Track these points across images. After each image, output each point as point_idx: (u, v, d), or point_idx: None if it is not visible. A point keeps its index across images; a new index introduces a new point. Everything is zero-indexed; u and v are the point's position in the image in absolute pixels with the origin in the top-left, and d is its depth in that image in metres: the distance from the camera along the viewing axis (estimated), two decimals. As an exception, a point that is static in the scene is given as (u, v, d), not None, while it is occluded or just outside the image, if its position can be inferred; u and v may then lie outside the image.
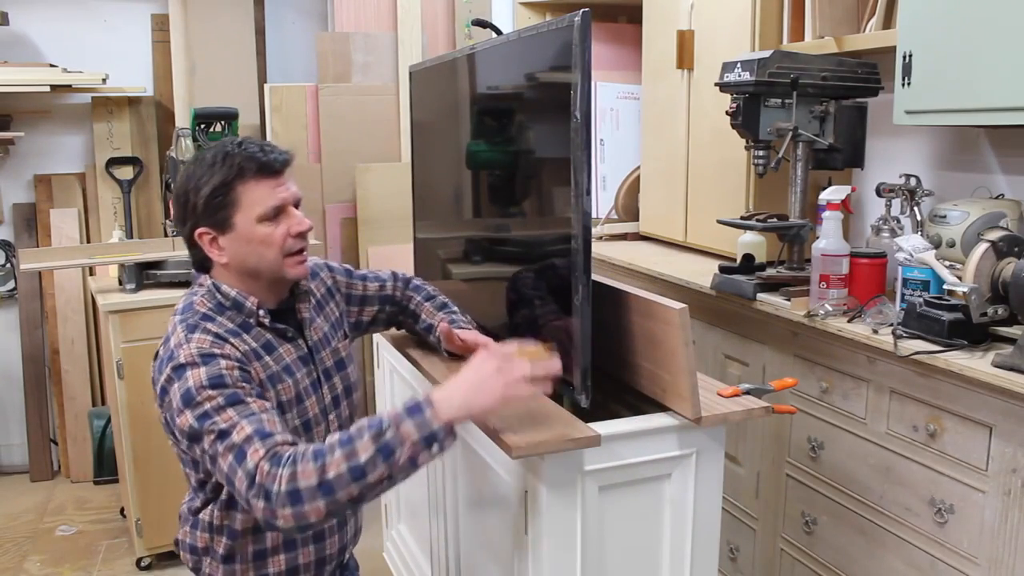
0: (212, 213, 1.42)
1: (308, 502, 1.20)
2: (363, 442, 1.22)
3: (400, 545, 2.47)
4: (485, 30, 2.38)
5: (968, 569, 1.59)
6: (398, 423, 1.23)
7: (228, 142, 1.46)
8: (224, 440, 1.27)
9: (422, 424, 1.23)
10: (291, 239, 1.45)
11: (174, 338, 1.39)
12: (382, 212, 3.52)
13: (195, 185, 1.43)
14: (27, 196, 3.60)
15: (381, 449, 1.21)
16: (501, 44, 1.73)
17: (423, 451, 1.23)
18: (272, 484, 1.21)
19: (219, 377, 1.32)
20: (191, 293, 1.50)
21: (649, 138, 2.95)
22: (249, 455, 1.24)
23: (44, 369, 3.63)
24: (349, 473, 1.20)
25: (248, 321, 1.46)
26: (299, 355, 1.52)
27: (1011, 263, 1.60)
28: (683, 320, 1.41)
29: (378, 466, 1.21)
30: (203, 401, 1.30)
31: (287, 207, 1.45)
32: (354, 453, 1.21)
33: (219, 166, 1.41)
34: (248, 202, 1.42)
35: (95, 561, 2.91)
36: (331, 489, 1.20)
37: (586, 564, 1.44)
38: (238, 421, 1.28)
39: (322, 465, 1.21)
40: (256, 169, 1.41)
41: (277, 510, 1.20)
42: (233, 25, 3.60)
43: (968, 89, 1.68)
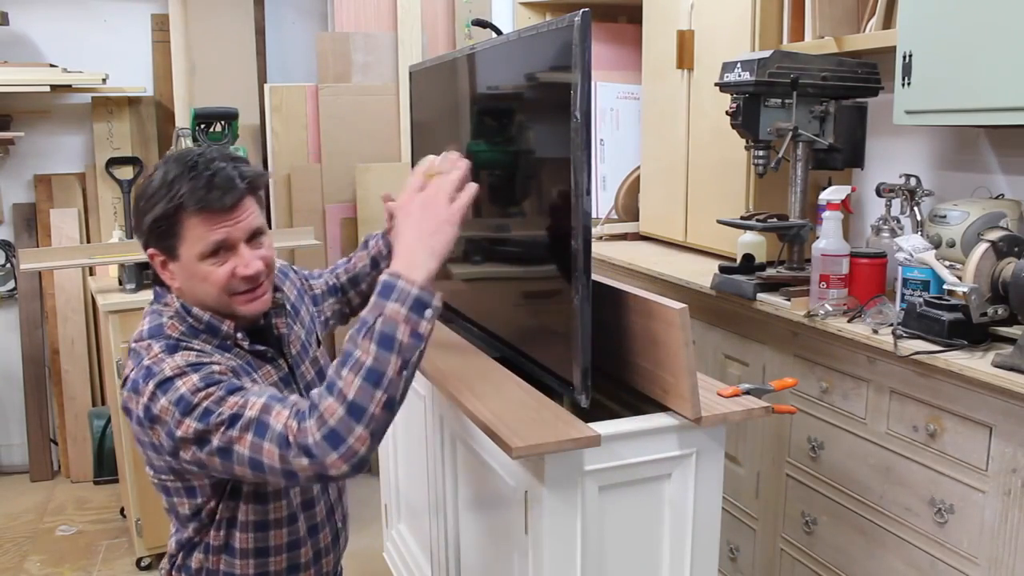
0: (158, 239, 1.33)
1: (348, 435, 1.14)
2: (360, 347, 1.16)
3: (400, 545, 2.47)
4: (485, 30, 2.38)
5: (968, 569, 1.59)
6: (380, 309, 1.17)
7: (187, 158, 1.33)
8: (236, 423, 1.19)
9: (403, 296, 1.17)
10: (236, 280, 1.33)
11: (149, 357, 1.28)
12: (382, 212, 3.50)
13: (144, 206, 1.32)
14: (27, 196, 3.60)
15: (380, 341, 1.15)
16: (501, 44, 1.73)
17: (420, 320, 1.18)
18: (306, 438, 1.14)
19: (212, 376, 1.24)
20: (156, 313, 1.38)
21: (649, 138, 2.95)
22: (273, 421, 1.18)
23: (44, 369, 3.63)
24: (367, 382, 1.14)
25: (226, 343, 1.37)
26: (279, 376, 1.44)
27: (1011, 263, 1.60)
28: (683, 320, 1.41)
29: (388, 358, 1.15)
30: (202, 401, 1.21)
31: (235, 245, 1.32)
32: (359, 362, 1.15)
33: (163, 193, 1.29)
34: (190, 237, 1.30)
35: (95, 561, 2.91)
36: (361, 409, 1.14)
37: (586, 564, 1.44)
38: (247, 399, 1.21)
39: (339, 392, 1.15)
40: (196, 204, 1.28)
41: (324, 460, 1.14)
42: (233, 25, 3.60)
43: (968, 89, 1.68)
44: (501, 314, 1.87)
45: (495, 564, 1.66)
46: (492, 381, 1.67)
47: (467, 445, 1.70)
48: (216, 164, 1.31)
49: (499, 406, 1.50)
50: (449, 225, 1.25)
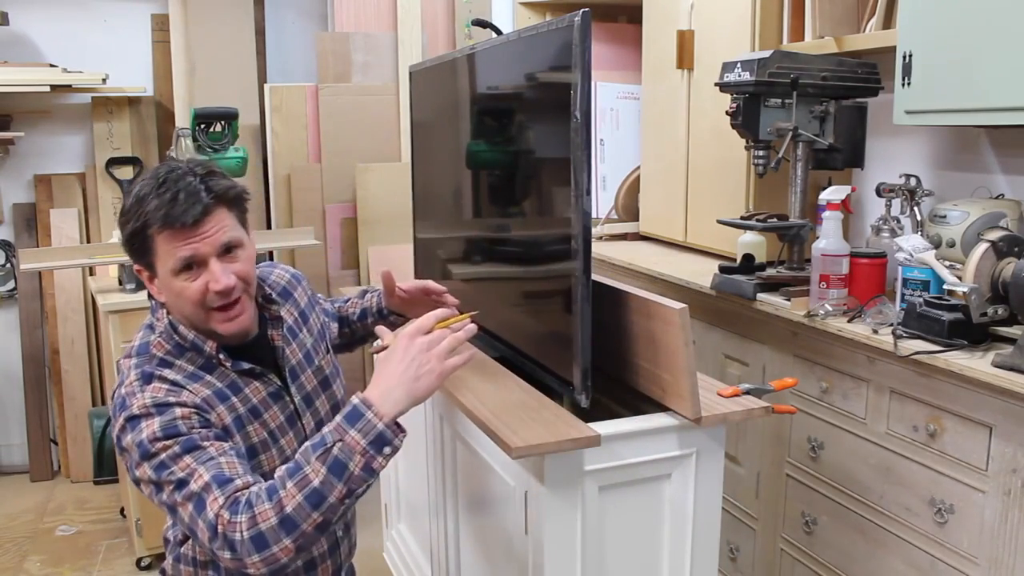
0: (136, 256, 1.34)
1: (275, 544, 1.15)
2: (312, 465, 1.16)
3: (400, 545, 2.47)
4: (485, 30, 2.38)
5: (968, 569, 1.59)
6: (342, 434, 1.18)
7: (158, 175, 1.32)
8: (182, 489, 1.21)
9: (367, 428, 1.18)
10: (211, 295, 1.32)
11: (126, 386, 1.30)
12: (382, 212, 3.52)
13: (121, 222, 1.34)
14: (27, 196, 3.60)
15: (332, 467, 1.16)
16: (501, 44, 1.73)
17: (375, 457, 1.18)
18: (234, 533, 1.15)
19: (173, 426, 1.25)
20: (148, 328, 1.40)
21: (649, 138, 2.95)
22: (208, 504, 1.18)
23: (44, 369, 3.63)
24: (307, 501, 1.15)
25: (211, 362, 1.37)
26: (269, 392, 1.42)
27: (1011, 263, 1.60)
28: (683, 320, 1.41)
29: (334, 484, 1.16)
30: (159, 452, 1.23)
31: (206, 260, 1.31)
32: (306, 480, 1.16)
33: (134, 211, 1.30)
34: (161, 253, 1.30)
35: (95, 561, 2.91)
36: (293, 523, 1.15)
37: (586, 564, 1.44)
38: (195, 468, 1.21)
39: (278, 501, 1.15)
40: (160, 222, 1.28)
41: (245, 559, 1.15)
42: (233, 25, 3.60)
43: (968, 89, 1.68)
44: (501, 314, 1.87)
45: (495, 564, 1.66)
46: (492, 381, 1.67)
47: (467, 445, 1.70)
48: (184, 180, 1.30)
49: (499, 406, 1.50)
50: (436, 378, 1.26)
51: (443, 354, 1.27)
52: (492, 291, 1.95)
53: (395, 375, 1.24)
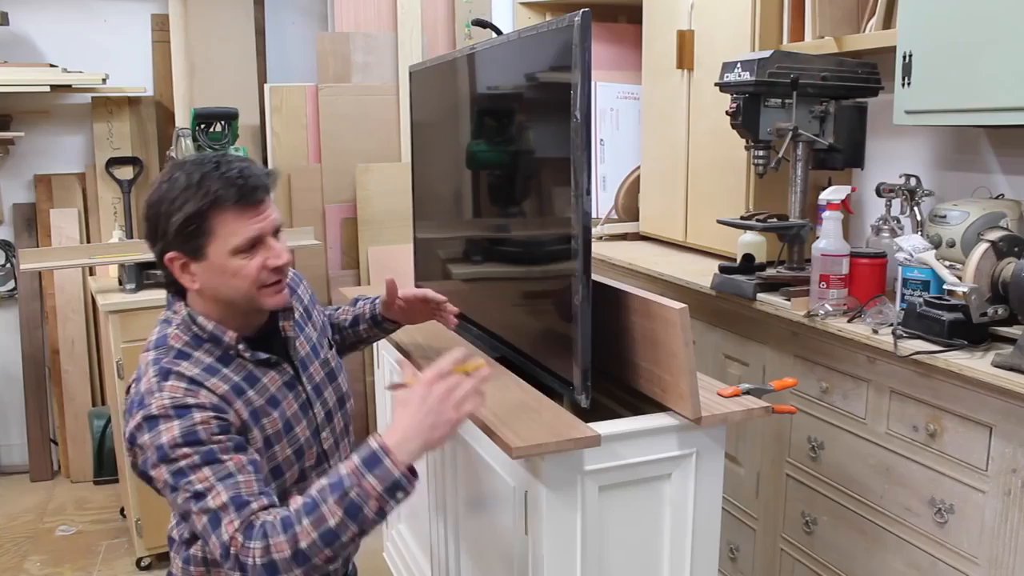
0: (184, 241, 1.33)
1: (284, 573, 1.19)
2: (328, 506, 1.21)
3: (400, 545, 2.47)
4: (485, 30, 2.38)
5: (968, 569, 1.59)
6: (359, 479, 1.21)
7: (206, 161, 1.34)
8: (199, 502, 1.23)
9: (383, 476, 1.22)
10: (266, 272, 1.36)
11: (145, 382, 1.31)
12: (382, 212, 3.52)
13: (167, 209, 1.32)
14: (27, 196, 3.60)
15: (347, 510, 1.20)
16: (501, 44, 1.73)
17: (388, 502, 1.23)
18: (247, 558, 1.19)
19: (193, 433, 1.26)
20: (164, 322, 1.40)
21: (649, 138, 2.95)
22: (224, 525, 1.22)
23: (44, 369, 3.63)
24: (321, 539, 1.20)
25: (228, 354, 1.39)
26: (284, 381, 1.45)
27: (1011, 263, 1.60)
28: (683, 320, 1.41)
29: (348, 526, 1.21)
30: (178, 458, 1.24)
31: (265, 238, 1.35)
32: (322, 519, 1.20)
33: (194, 191, 1.30)
34: (223, 233, 1.32)
35: (95, 561, 2.91)
36: (306, 557, 1.20)
37: (586, 564, 1.44)
38: (214, 484, 1.24)
39: (293, 536, 1.19)
40: (234, 199, 1.31)
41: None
42: (233, 25, 3.60)
43: (968, 89, 1.68)
44: (501, 314, 1.87)
45: (495, 564, 1.66)
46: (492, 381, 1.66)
47: (467, 445, 1.70)
48: (239, 163, 1.34)
49: (499, 406, 1.50)
50: (450, 427, 1.28)
51: (460, 403, 1.29)
52: (492, 291, 1.95)
53: (413, 424, 1.26)
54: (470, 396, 1.30)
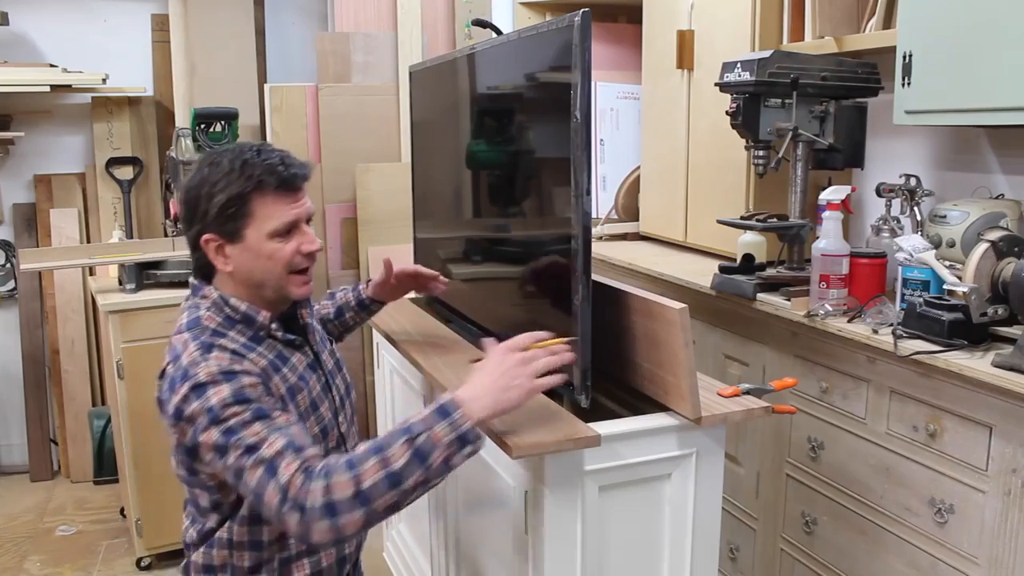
0: (223, 222, 1.38)
1: (345, 514, 1.19)
2: (396, 448, 1.21)
3: (400, 545, 2.47)
4: (485, 30, 2.38)
5: (968, 569, 1.59)
6: (430, 426, 1.22)
7: (247, 148, 1.41)
8: (252, 454, 1.24)
9: (454, 425, 1.23)
10: (299, 257, 1.42)
11: (186, 356, 1.33)
12: (382, 212, 3.52)
13: (208, 191, 1.37)
14: (27, 196, 3.60)
15: (415, 454, 1.20)
16: (501, 44, 1.73)
17: (456, 453, 1.23)
18: (306, 498, 1.19)
19: (243, 393, 1.28)
20: (194, 306, 1.43)
21: (649, 138, 2.95)
22: (281, 469, 1.22)
23: (44, 369, 3.63)
24: (385, 481, 1.19)
25: (259, 335, 1.43)
26: (308, 363, 1.50)
27: (1011, 263, 1.60)
28: (683, 320, 1.41)
29: (414, 471, 1.20)
30: (228, 417, 1.26)
31: (300, 224, 1.42)
32: (388, 460, 1.20)
33: (236, 175, 1.36)
34: (262, 216, 1.38)
35: (95, 561, 2.91)
36: (368, 499, 1.19)
37: (586, 564, 1.44)
38: (267, 435, 1.25)
39: (357, 475, 1.19)
40: (276, 184, 1.37)
41: (312, 524, 1.19)
42: (233, 25, 3.60)
43: (968, 89, 1.68)
44: (501, 314, 1.87)
45: (495, 564, 1.66)
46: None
47: (467, 445, 1.70)
48: (279, 152, 1.41)
49: (499, 406, 1.50)
50: (524, 394, 1.30)
51: (535, 372, 1.31)
52: (492, 291, 1.95)
53: (486, 384, 1.29)
54: (547, 370, 1.32)
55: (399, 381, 2.26)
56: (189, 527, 1.49)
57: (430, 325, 2.09)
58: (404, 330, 2.06)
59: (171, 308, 2.69)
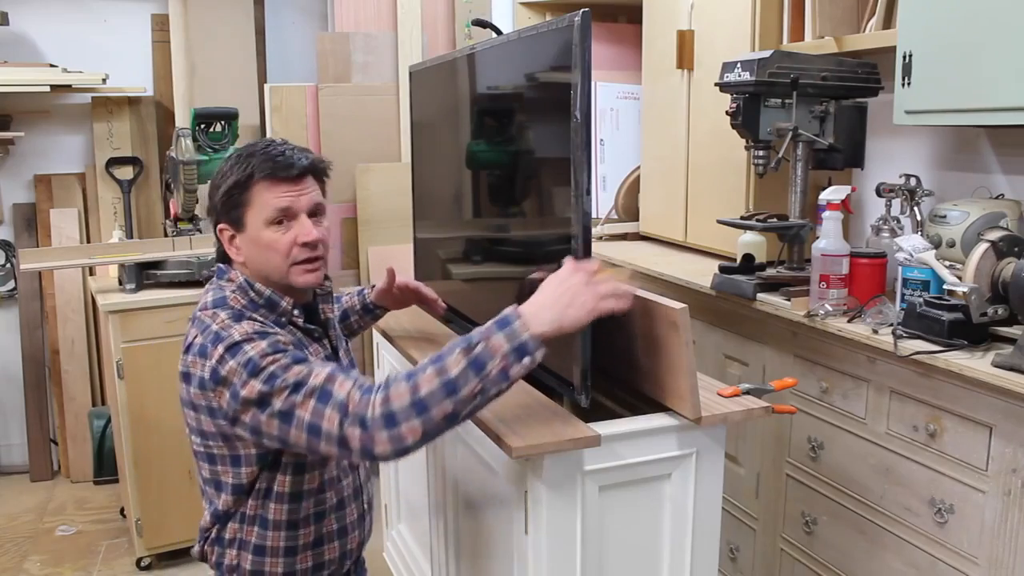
0: (228, 211, 1.45)
1: (404, 422, 1.20)
2: (454, 357, 1.22)
3: (400, 545, 2.47)
4: (485, 30, 2.38)
5: (968, 569, 1.59)
6: (488, 336, 1.23)
7: (259, 142, 1.47)
8: (300, 390, 1.26)
9: (512, 335, 1.23)
10: (297, 248, 1.44)
11: (217, 324, 1.38)
12: (382, 212, 3.52)
13: (218, 181, 1.46)
14: (27, 196, 3.60)
15: (472, 363, 1.21)
16: (501, 44, 1.73)
17: (514, 363, 1.22)
18: (366, 410, 1.22)
19: (278, 344, 1.33)
20: (219, 288, 1.47)
21: (649, 138, 2.95)
22: (336, 389, 1.25)
23: (44, 369, 3.63)
24: (442, 388, 1.20)
25: (280, 320, 1.47)
26: (324, 355, 1.54)
27: (1011, 263, 1.60)
28: (683, 320, 1.41)
29: (470, 379, 1.21)
30: (268, 364, 1.29)
31: (298, 214, 1.44)
32: (445, 369, 1.21)
33: (238, 165, 1.43)
34: (259, 204, 1.42)
35: (95, 561, 2.91)
36: (425, 406, 1.20)
37: (586, 564, 1.44)
38: (312, 369, 1.29)
39: (414, 384, 1.21)
40: (269, 171, 1.41)
41: (375, 434, 1.21)
42: (233, 25, 3.60)
43: (968, 89, 1.68)
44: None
45: (495, 564, 1.66)
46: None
47: (467, 445, 1.70)
48: (285, 145, 1.47)
49: (499, 406, 1.50)
50: (587, 313, 1.28)
51: (601, 294, 1.29)
52: (492, 291, 1.95)
53: (551, 297, 1.28)
54: (613, 294, 1.31)
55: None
56: (208, 509, 1.53)
57: (430, 325, 2.09)
58: (404, 329, 2.06)
59: (171, 308, 2.69)
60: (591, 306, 1.28)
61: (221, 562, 1.51)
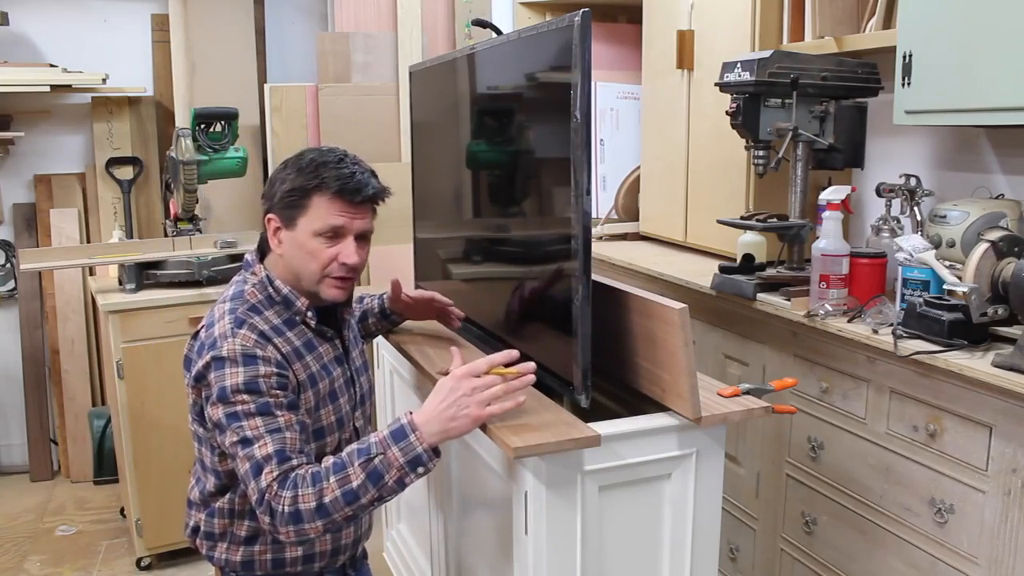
0: (284, 207, 1.50)
1: (308, 522, 1.32)
2: (354, 468, 1.32)
3: (400, 545, 2.47)
4: (485, 30, 2.38)
5: (968, 569, 1.59)
6: (385, 449, 1.33)
7: (336, 154, 1.52)
8: (246, 448, 1.36)
9: (407, 449, 1.33)
10: (336, 264, 1.50)
11: (219, 327, 1.44)
12: (382, 212, 3.49)
13: (282, 176, 1.51)
14: (27, 196, 3.60)
15: (371, 475, 1.32)
16: (501, 44, 1.73)
17: (409, 474, 1.33)
18: (277, 505, 1.32)
19: (255, 383, 1.39)
20: (242, 280, 1.54)
21: (649, 138, 2.95)
22: (264, 474, 1.34)
23: (44, 369, 3.63)
24: (343, 497, 1.31)
25: (294, 318, 1.52)
26: (335, 355, 1.59)
27: (1011, 263, 1.60)
28: (683, 320, 1.41)
29: (369, 490, 1.32)
30: (236, 403, 1.37)
31: (347, 234, 1.50)
32: (347, 479, 1.32)
33: (308, 171, 1.48)
34: (315, 214, 1.48)
35: (95, 561, 2.91)
36: (327, 512, 1.32)
37: (586, 564, 1.44)
38: (263, 435, 1.36)
39: (319, 490, 1.32)
40: (337, 189, 1.47)
41: (280, 527, 1.33)
42: (233, 25, 3.60)
43: (968, 89, 1.68)
44: (501, 314, 1.87)
45: (495, 564, 1.66)
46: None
47: (467, 445, 1.70)
48: (360, 166, 1.54)
49: (499, 406, 1.50)
50: (470, 423, 1.36)
51: (484, 401, 1.37)
52: (492, 291, 1.95)
53: (436, 410, 1.36)
54: (499, 398, 1.38)
55: (399, 381, 2.26)
56: (194, 486, 1.59)
57: (430, 325, 2.09)
58: (403, 329, 2.06)
59: (171, 308, 2.69)
60: (474, 415, 1.36)
61: (212, 555, 1.56)
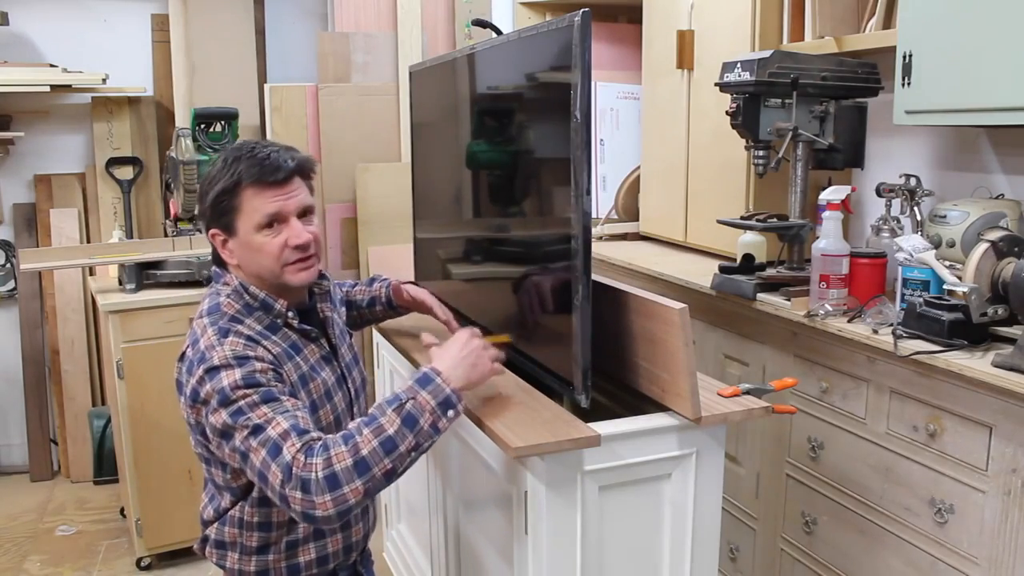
0: (218, 216, 1.45)
1: (347, 484, 1.24)
2: (387, 417, 1.29)
3: (400, 545, 2.47)
4: (485, 30, 2.38)
5: (968, 569, 1.59)
6: (415, 394, 1.31)
7: (246, 145, 1.47)
8: (258, 435, 1.30)
9: (436, 391, 1.32)
10: (288, 250, 1.45)
11: (204, 340, 1.39)
12: (382, 212, 3.52)
13: (205, 188, 1.46)
14: (27, 196, 3.60)
15: (405, 419, 1.29)
16: (501, 44, 1.73)
17: (441, 417, 1.32)
18: (309, 473, 1.24)
19: (253, 377, 1.34)
20: (215, 293, 1.49)
21: (649, 138, 2.95)
22: (285, 448, 1.27)
23: (44, 369, 3.63)
24: (381, 447, 1.26)
25: (276, 322, 1.48)
26: (322, 355, 1.55)
27: (1011, 263, 1.60)
28: (683, 320, 1.41)
29: (406, 436, 1.28)
30: (238, 399, 1.32)
31: (287, 217, 1.45)
32: (381, 428, 1.28)
33: (225, 170, 1.43)
34: (248, 209, 1.43)
35: (95, 561, 2.91)
36: (367, 466, 1.25)
37: (586, 564, 1.44)
38: (273, 416, 1.31)
39: (354, 445, 1.26)
40: (257, 176, 1.42)
41: (316, 498, 1.24)
42: (233, 25, 3.60)
43: (968, 89, 1.68)
44: (501, 314, 1.87)
45: (495, 564, 1.66)
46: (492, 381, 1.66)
47: (467, 445, 1.70)
48: (271, 147, 1.47)
49: (499, 406, 1.50)
50: (488, 372, 1.44)
51: (494, 358, 1.45)
52: (492, 291, 1.95)
53: (457, 357, 1.39)
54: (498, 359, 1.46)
55: (399, 380, 2.26)
56: (207, 505, 1.56)
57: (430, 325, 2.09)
58: (404, 329, 2.06)
59: (171, 308, 2.69)
60: (489, 368, 1.44)
61: (223, 564, 1.53)
